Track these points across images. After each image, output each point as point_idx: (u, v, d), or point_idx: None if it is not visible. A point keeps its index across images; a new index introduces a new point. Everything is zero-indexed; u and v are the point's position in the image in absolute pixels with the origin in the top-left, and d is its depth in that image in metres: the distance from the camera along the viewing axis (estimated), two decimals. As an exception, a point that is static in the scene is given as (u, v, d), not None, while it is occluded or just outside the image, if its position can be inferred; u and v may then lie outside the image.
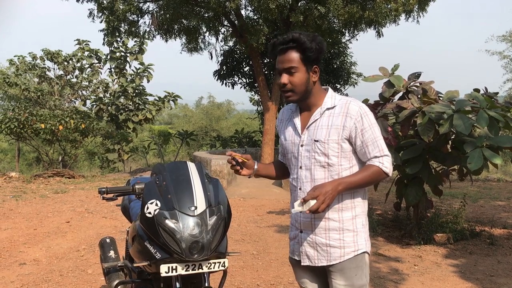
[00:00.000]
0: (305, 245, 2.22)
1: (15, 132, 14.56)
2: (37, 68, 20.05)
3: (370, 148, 2.12)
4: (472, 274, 4.75)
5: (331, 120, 2.14)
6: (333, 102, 2.18)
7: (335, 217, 2.15)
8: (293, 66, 2.09)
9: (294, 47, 2.08)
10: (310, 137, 2.17)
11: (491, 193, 9.98)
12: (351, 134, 2.11)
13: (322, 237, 2.17)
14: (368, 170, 2.12)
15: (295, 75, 2.10)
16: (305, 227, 2.21)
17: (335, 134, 2.11)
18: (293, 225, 2.29)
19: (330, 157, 2.13)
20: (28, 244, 5.91)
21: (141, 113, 19.04)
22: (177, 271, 2.19)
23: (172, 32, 13.16)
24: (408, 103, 5.60)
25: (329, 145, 2.12)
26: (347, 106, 2.13)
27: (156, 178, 2.38)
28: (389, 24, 11.90)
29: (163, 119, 37.54)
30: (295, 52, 2.09)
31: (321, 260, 2.18)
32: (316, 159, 2.15)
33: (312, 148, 2.15)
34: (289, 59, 2.09)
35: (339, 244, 2.15)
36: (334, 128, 2.12)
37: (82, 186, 10.95)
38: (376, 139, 2.13)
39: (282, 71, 2.13)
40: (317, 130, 2.15)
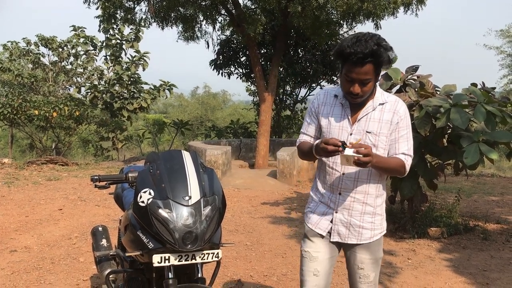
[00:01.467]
0: (338, 224, 2.41)
1: (8, 118, 14.46)
2: (31, 54, 19.84)
3: (401, 144, 2.34)
4: (465, 269, 4.76)
5: (382, 115, 2.32)
6: (384, 99, 2.35)
7: (371, 203, 2.39)
8: (368, 78, 2.18)
9: (371, 61, 2.12)
10: (361, 128, 2.32)
11: (485, 188, 10.01)
12: (392, 129, 2.32)
13: (357, 219, 2.39)
14: (396, 160, 2.33)
15: (368, 85, 2.21)
16: (342, 208, 2.39)
17: (386, 128, 2.31)
18: (324, 203, 2.45)
19: (378, 148, 2.31)
20: (20, 231, 5.86)
21: (136, 102, 18.89)
22: (169, 262, 2.16)
23: (168, 20, 13.02)
24: (405, 96, 5.56)
25: (379, 137, 2.31)
26: (396, 104, 2.34)
27: (150, 167, 2.34)
28: (388, 16, 11.81)
29: (158, 108, 37.42)
30: (371, 66, 2.14)
31: (351, 239, 2.41)
32: None
33: (363, 138, 2.31)
34: (366, 71, 2.15)
35: (370, 227, 2.41)
36: (385, 122, 2.31)
37: (76, 173, 10.88)
38: (408, 139, 2.36)
39: (355, 80, 2.19)
40: (369, 122, 2.32)
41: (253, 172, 11.45)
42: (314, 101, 2.51)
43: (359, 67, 2.13)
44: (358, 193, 2.37)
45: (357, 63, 2.11)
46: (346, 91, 2.26)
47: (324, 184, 2.46)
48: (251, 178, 10.50)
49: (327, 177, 2.43)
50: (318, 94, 2.53)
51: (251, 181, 10.20)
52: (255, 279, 4.40)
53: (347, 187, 2.37)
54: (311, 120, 2.51)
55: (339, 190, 2.39)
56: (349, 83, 2.21)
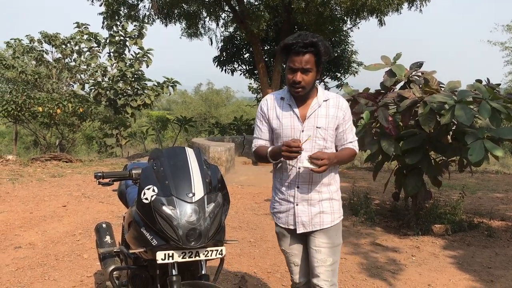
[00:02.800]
0: (300, 215, 2.61)
1: (13, 115, 14.49)
2: (35, 51, 19.85)
3: (348, 134, 2.66)
4: (469, 266, 4.74)
5: (328, 110, 2.57)
6: (326, 96, 2.61)
7: (325, 190, 2.63)
8: (309, 68, 2.43)
9: (311, 51, 2.40)
10: (311, 124, 2.54)
11: (490, 185, 9.97)
12: (338, 123, 2.59)
13: (316, 207, 2.61)
14: (348, 151, 2.65)
15: (309, 74, 2.45)
16: (301, 201, 2.61)
17: (332, 123, 2.57)
18: (285, 200, 2.66)
19: (327, 141, 2.57)
20: (24, 228, 5.88)
21: (140, 98, 18.91)
22: (173, 258, 2.15)
23: (172, 16, 13.04)
24: (409, 93, 5.53)
25: (328, 132, 2.56)
26: (338, 100, 2.61)
27: (153, 164, 2.33)
28: (392, 12, 11.77)
29: (161, 105, 37.45)
30: (311, 55, 2.41)
31: (315, 226, 2.62)
32: (316, 143, 2.56)
33: (314, 134, 2.54)
34: (306, 60, 2.41)
35: (330, 211, 2.64)
36: (331, 117, 2.56)
37: (79, 170, 10.90)
38: (352, 128, 2.68)
39: (297, 69, 2.43)
40: (317, 118, 2.55)
41: (257, 169, 11.45)
42: (263, 107, 2.69)
43: (301, 56, 2.40)
44: (313, 184, 2.59)
45: (299, 52, 2.39)
46: (289, 82, 2.48)
47: (283, 181, 2.66)
48: (254, 175, 10.49)
49: (285, 174, 2.64)
50: (265, 100, 2.71)
51: (255, 177, 10.20)
52: (259, 275, 4.40)
53: (304, 180, 2.59)
54: (263, 125, 2.70)
55: (296, 184, 2.60)
56: (292, 73, 2.46)
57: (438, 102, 5.12)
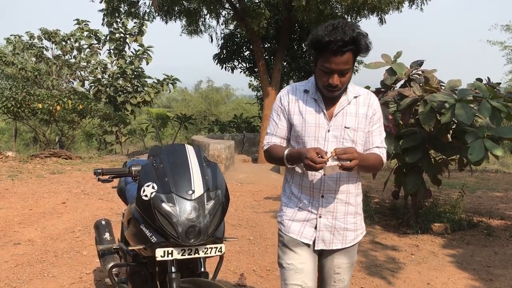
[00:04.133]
0: (322, 229, 2.26)
1: (12, 112, 14.46)
2: (35, 48, 19.83)
3: (375, 138, 2.26)
4: (469, 265, 4.74)
5: (358, 109, 2.22)
6: (356, 92, 2.25)
7: (352, 202, 2.28)
8: (348, 68, 2.06)
9: (351, 49, 2.00)
10: (338, 123, 2.20)
11: (489, 184, 9.98)
12: (367, 123, 2.24)
13: (341, 221, 2.26)
14: (375, 156, 2.25)
15: (346, 75, 2.09)
16: (325, 212, 2.24)
17: (363, 123, 2.22)
18: (305, 209, 2.27)
19: (357, 144, 2.21)
20: (23, 224, 5.87)
21: (140, 96, 18.89)
22: (172, 256, 2.15)
23: (172, 13, 13.00)
24: (409, 91, 5.53)
25: (357, 132, 2.21)
26: (369, 98, 2.26)
27: (153, 161, 2.33)
28: (392, 11, 11.75)
29: (161, 102, 37.42)
30: (350, 54, 2.02)
31: (336, 244, 2.28)
32: (344, 145, 2.18)
33: (341, 134, 2.20)
34: (345, 61, 2.02)
35: (353, 227, 2.30)
36: (362, 117, 2.22)
37: (79, 167, 10.89)
38: (382, 132, 2.29)
39: (334, 71, 2.05)
40: (346, 117, 2.20)
41: (256, 167, 11.44)
42: (283, 99, 2.32)
43: (339, 56, 1.99)
44: (340, 193, 2.24)
45: (337, 52, 1.97)
46: (324, 84, 2.11)
47: (301, 188, 2.28)
48: (254, 172, 10.49)
49: (305, 180, 2.25)
50: (285, 91, 2.34)
51: (254, 175, 10.19)
52: (258, 273, 4.40)
53: (330, 188, 2.22)
54: (280, 120, 2.33)
55: (321, 192, 2.22)
56: (327, 75, 2.07)
57: (438, 100, 5.12)
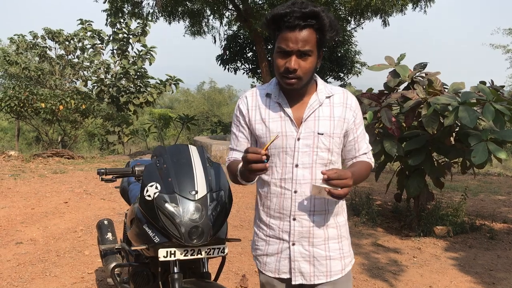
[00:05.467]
0: (298, 259, 1.87)
1: (15, 111, 14.51)
2: (38, 47, 19.89)
3: (361, 144, 1.94)
4: (471, 268, 4.73)
5: (332, 110, 1.85)
6: (329, 91, 1.89)
7: (332, 223, 1.89)
8: (308, 50, 1.70)
9: (312, 25, 1.68)
10: (310, 130, 1.82)
11: (492, 187, 9.94)
12: (347, 127, 1.88)
13: (321, 248, 1.87)
14: (364, 166, 1.92)
15: (308, 59, 1.72)
16: (299, 238, 1.86)
17: (339, 127, 1.85)
18: (275, 237, 1.91)
19: (333, 153, 1.86)
20: (25, 224, 5.88)
21: (142, 96, 18.94)
22: (175, 256, 2.15)
23: (175, 14, 13.04)
24: (413, 94, 5.52)
25: (333, 139, 1.84)
26: (346, 97, 1.89)
27: (156, 161, 2.33)
28: (396, 13, 11.77)
29: (164, 103, 37.48)
30: (312, 32, 1.69)
31: (319, 277, 1.87)
32: (318, 155, 1.82)
33: (314, 143, 1.82)
34: (305, 38, 1.68)
35: (339, 255, 1.90)
36: (338, 120, 1.85)
37: (81, 167, 10.91)
38: (365, 134, 1.98)
39: (291, 52, 1.70)
40: (318, 121, 1.83)
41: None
42: (241, 107, 1.96)
43: (297, 32, 1.67)
44: (317, 214, 1.86)
45: (295, 26, 1.66)
46: (280, 70, 1.76)
47: (270, 211, 1.92)
48: (256, 174, 10.47)
49: (273, 201, 1.89)
50: (243, 98, 1.97)
51: (256, 177, 10.18)
52: (260, 275, 4.39)
53: (303, 209, 1.84)
54: (240, 131, 1.99)
55: (293, 214, 1.85)
56: (284, 57, 1.73)
57: (441, 103, 5.11)
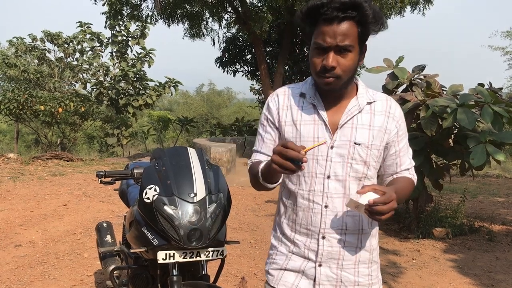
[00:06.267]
0: (324, 283, 1.67)
1: (14, 113, 14.51)
2: (37, 50, 19.90)
3: (403, 159, 1.72)
4: (470, 270, 4.73)
5: (373, 118, 1.64)
6: (371, 96, 1.67)
7: (367, 246, 1.70)
8: (349, 45, 1.49)
9: (353, 17, 1.47)
10: (346, 138, 1.61)
11: (490, 189, 9.96)
12: (389, 139, 1.66)
13: (350, 272, 1.67)
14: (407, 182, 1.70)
15: (348, 56, 1.51)
16: (327, 259, 1.66)
17: (378, 138, 1.63)
18: (299, 255, 1.71)
19: (370, 167, 1.64)
20: (25, 226, 5.87)
21: (142, 98, 18.94)
22: (174, 258, 2.15)
23: (174, 17, 13.06)
24: (411, 96, 5.54)
25: (371, 151, 1.62)
26: (389, 105, 1.67)
27: (155, 163, 2.33)
28: (394, 15, 11.80)
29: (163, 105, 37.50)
30: (353, 24, 1.48)
31: None
32: (353, 167, 1.62)
33: (349, 153, 1.61)
34: (345, 33, 1.47)
35: (367, 281, 1.70)
36: (378, 130, 1.63)
37: (80, 169, 10.90)
38: (408, 148, 1.75)
39: (330, 48, 1.50)
40: (356, 129, 1.62)
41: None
42: (271, 105, 1.75)
43: (336, 25, 1.47)
44: (349, 234, 1.66)
45: (333, 19, 1.46)
46: (316, 68, 1.55)
47: (295, 225, 1.72)
48: (255, 176, 10.46)
49: (300, 215, 1.69)
50: (274, 96, 1.76)
51: (256, 179, 10.17)
52: (259, 277, 4.39)
53: (334, 226, 1.64)
54: (267, 132, 1.76)
55: (322, 232, 1.65)
56: (321, 54, 1.52)
57: (440, 105, 5.12)
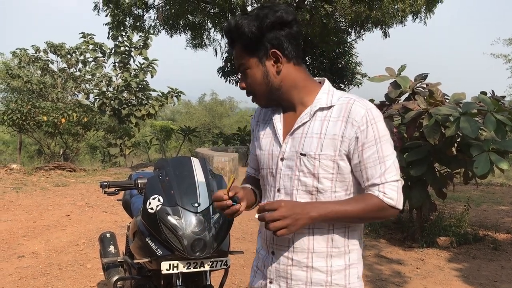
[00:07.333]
0: None
1: (17, 124, 14.55)
2: (40, 61, 20.02)
3: (369, 171, 1.47)
4: (475, 279, 4.70)
5: (326, 126, 1.49)
6: (330, 100, 1.53)
7: (321, 266, 1.52)
8: (241, 63, 1.55)
9: (234, 37, 1.53)
10: (294, 148, 1.53)
11: (494, 198, 9.91)
12: (347, 148, 1.47)
13: None
14: (365, 200, 1.47)
15: (247, 73, 1.54)
16: (277, 277, 1.57)
17: (331, 148, 1.47)
18: (259, 269, 1.66)
19: (320, 179, 1.49)
20: (28, 237, 5.87)
21: (144, 108, 19.01)
22: (178, 269, 2.15)
23: (177, 27, 13.14)
24: (414, 104, 5.53)
25: (320, 162, 1.48)
26: (349, 108, 1.48)
27: (159, 173, 2.33)
28: (396, 24, 11.85)
29: (165, 115, 37.61)
30: (238, 44, 1.53)
31: None
32: (300, 180, 1.51)
33: (296, 165, 1.51)
34: (235, 54, 1.56)
35: None
36: (330, 138, 1.48)
37: (83, 179, 10.90)
38: (382, 159, 1.47)
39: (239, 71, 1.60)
40: (304, 138, 1.51)
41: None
42: (252, 121, 1.79)
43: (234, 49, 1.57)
44: (297, 252, 1.53)
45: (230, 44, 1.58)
46: None
47: (261, 239, 1.68)
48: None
49: (262, 228, 1.64)
50: (256, 110, 1.77)
51: (258, 188, 10.17)
52: (263, 287, 4.37)
53: (280, 243, 1.55)
54: (252, 147, 1.77)
55: (272, 247, 1.58)
56: None
57: (443, 114, 5.12)
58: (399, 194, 1.47)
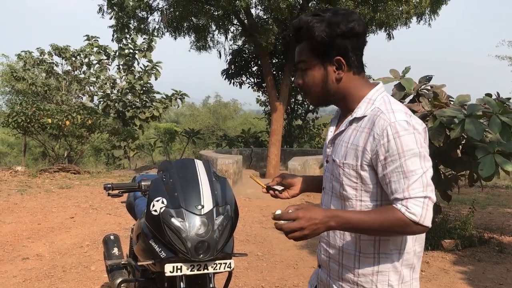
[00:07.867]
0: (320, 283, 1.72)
1: (22, 126, 14.60)
2: (45, 63, 20.09)
3: (393, 186, 1.43)
4: (480, 282, 4.67)
5: (354, 135, 1.53)
6: (366, 109, 1.54)
7: (350, 266, 1.57)
8: (302, 60, 1.58)
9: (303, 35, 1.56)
10: (332, 153, 1.62)
11: (500, 200, 9.86)
12: (373, 161, 1.47)
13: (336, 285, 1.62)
14: (386, 213, 1.42)
15: (307, 72, 1.58)
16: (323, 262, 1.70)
17: (353, 157, 1.50)
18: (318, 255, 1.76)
19: (344, 186, 1.54)
20: (32, 239, 5.88)
21: (148, 111, 19.02)
22: (182, 271, 2.14)
23: (181, 29, 13.12)
24: (418, 107, 5.52)
25: (344, 170, 1.53)
26: (374, 120, 1.47)
27: (163, 175, 2.33)
28: (400, 26, 11.81)
29: (169, 117, 37.63)
30: (305, 42, 1.56)
31: None
32: (333, 184, 1.60)
33: (332, 169, 1.60)
34: (298, 50, 1.60)
35: None
36: (354, 148, 1.51)
37: (87, 182, 10.93)
38: (406, 174, 1.41)
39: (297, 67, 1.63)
40: (338, 146, 1.59)
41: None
42: None
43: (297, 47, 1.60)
44: (332, 247, 1.61)
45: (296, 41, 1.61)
46: None
47: None
48: (262, 187, 10.44)
49: None
50: None
51: (262, 190, 10.15)
52: (267, 290, 4.36)
53: (324, 236, 1.65)
54: None
55: (320, 238, 1.68)
56: None
57: (447, 116, 5.09)
58: (424, 210, 1.40)
